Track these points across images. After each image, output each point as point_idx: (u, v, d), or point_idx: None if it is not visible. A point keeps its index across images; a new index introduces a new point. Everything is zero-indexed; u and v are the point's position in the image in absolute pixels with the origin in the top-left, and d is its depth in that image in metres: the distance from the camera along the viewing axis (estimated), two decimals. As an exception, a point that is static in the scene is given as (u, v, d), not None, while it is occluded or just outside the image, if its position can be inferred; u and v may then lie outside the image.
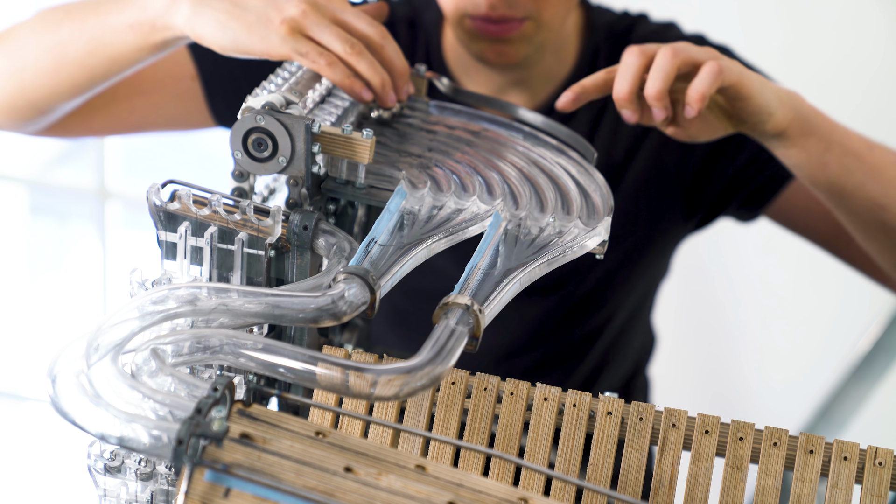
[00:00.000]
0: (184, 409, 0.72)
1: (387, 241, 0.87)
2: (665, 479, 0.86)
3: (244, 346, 0.77)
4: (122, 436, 0.71)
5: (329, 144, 0.92)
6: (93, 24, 1.09)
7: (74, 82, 1.13)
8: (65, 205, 2.85)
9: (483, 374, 0.89)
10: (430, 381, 0.76)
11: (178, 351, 0.78)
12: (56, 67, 1.12)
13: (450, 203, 0.93)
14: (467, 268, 0.86)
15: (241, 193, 0.97)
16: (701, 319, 2.38)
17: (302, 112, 0.93)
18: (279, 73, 0.99)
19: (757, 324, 2.36)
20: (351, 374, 0.75)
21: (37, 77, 1.14)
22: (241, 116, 0.91)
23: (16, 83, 1.15)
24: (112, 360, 0.75)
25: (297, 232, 0.90)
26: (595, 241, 0.93)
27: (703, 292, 2.03)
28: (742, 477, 0.85)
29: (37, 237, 2.88)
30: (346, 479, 0.70)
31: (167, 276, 0.89)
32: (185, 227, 0.88)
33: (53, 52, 1.12)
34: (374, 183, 0.96)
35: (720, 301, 2.34)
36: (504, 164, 1.01)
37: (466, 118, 1.09)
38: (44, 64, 1.13)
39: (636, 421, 0.87)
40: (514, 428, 0.88)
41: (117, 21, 1.07)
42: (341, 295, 0.80)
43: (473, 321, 0.81)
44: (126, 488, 0.85)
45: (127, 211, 2.64)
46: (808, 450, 0.85)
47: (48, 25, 1.13)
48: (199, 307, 0.79)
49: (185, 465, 0.69)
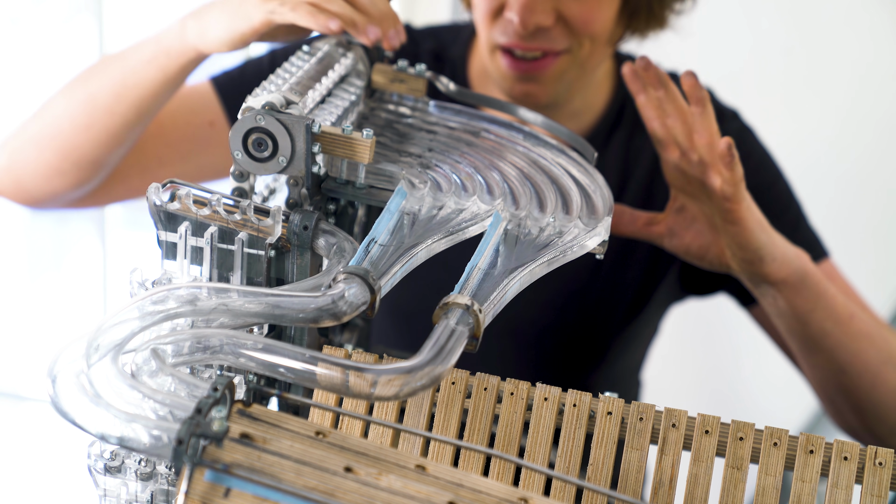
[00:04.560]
0: (184, 409, 0.72)
1: (387, 241, 0.87)
2: (665, 479, 0.86)
3: (244, 346, 0.77)
4: (122, 436, 0.71)
5: (329, 144, 0.92)
6: (115, 69, 1.14)
7: (109, 132, 1.16)
8: (65, 205, 2.85)
9: (483, 374, 0.89)
10: (431, 381, 0.76)
11: (178, 351, 0.78)
12: (90, 121, 1.15)
13: (450, 203, 0.93)
14: (467, 268, 0.86)
15: (241, 193, 0.97)
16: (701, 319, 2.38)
17: (302, 112, 0.93)
18: (279, 73, 0.99)
19: (757, 324, 2.36)
20: (351, 374, 0.75)
21: (74, 135, 1.17)
22: (241, 116, 0.91)
23: (58, 147, 1.18)
24: (112, 360, 0.75)
25: (297, 232, 0.90)
26: (595, 241, 0.92)
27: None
28: (742, 477, 0.85)
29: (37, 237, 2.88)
30: (346, 479, 0.70)
31: (167, 276, 0.89)
32: (185, 227, 0.88)
33: (85, 106, 1.15)
34: (374, 183, 0.96)
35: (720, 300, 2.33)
36: (504, 164, 1.01)
37: (466, 118, 1.09)
38: (78, 120, 1.16)
39: (636, 421, 0.87)
40: (514, 428, 0.88)
41: (136, 61, 1.12)
42: (341, 295, 0.80)
43: (473, 321, 0.81)
44: (126, 488, 0.84)
45: (127, 211, 2.64)
46: (808, 450, 0.85)
47: (77, 83, 1.17)
48: (199, 307, 0.79)
49: (185, 465, 0.69)
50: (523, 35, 1.17)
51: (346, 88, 1.05)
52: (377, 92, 1.12)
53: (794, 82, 2.26)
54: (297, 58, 1.04)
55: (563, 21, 1.18)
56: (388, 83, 1.11)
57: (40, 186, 1.22)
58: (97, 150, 1.17)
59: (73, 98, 1.17)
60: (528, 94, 1.22)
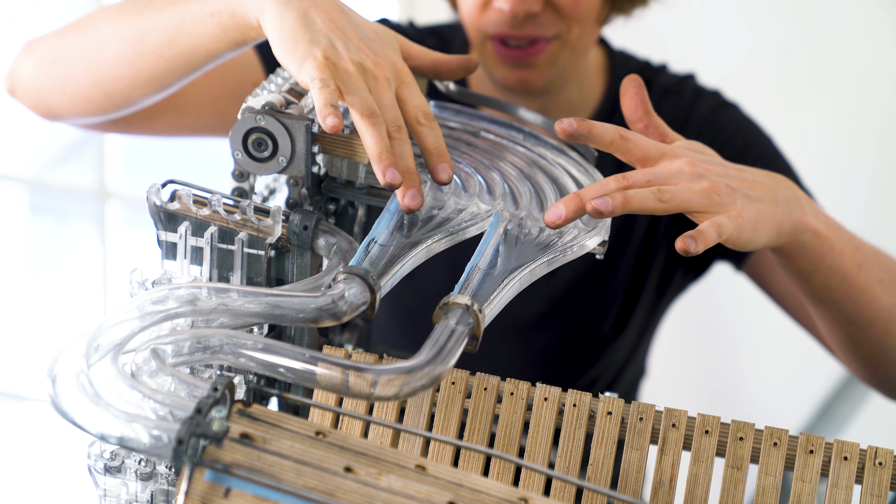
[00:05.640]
0: (184, 409, 0.72)
1: (387, 241, 0.87)
2: (665, 479, 0.86)
3: (244, 346, 0.77)
4: (122, 436, 0.71)
5: (329, 144, 0.92)
6: (174, 12, 1.06)
7: (152, 74, 1.09)
8: (65, 205, 2.85)
9: (483, 374, 0.89)
10: (430, 381, 0.76)
11: (178, 351, 0.78)
12: (135, 57, 1.08)
13: (450, 203, 0.93)
14: (467, 268, 0.86)
15: (241, 193, 0.97)
16: (701, 318, 2.38)
17: (302, 112, 0.93)
18: (279, 72, 0.99)
19: (757, 323, 2.36)
20: (351, 374, 0.75)
21: (115, 67, 1.10)
22: (240, 116, 0.91)
23: (94, 73, 1.11)
24: (112, 360, 0.75)
25: (297, 232, 0.90)
26: (595, 241, 0.92)
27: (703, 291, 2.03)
28: (742, 477, 0.85)
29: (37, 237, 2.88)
30: (346, 479, 0.70)
31: (167, 276, 0.89)
32: (185, 227, 0.88)
33: (133, 41, 1.08)
34: (374, 183, 0.96)
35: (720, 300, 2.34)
36: (504, 163, 1.01)
37: (466, 118, 1.09)
38: (122, 53, 1.09)
39: (636, 421, 0.87)
40: (514, 428, 0.88)
41: (199, 9, 1.03)
42: (341, 295, 0.80)
43: (473, 321, 0.81)
44: (126, 488, 0.84)
45: (127, 211, 2.64)
46: (808, 450, 0.85)
47: (128, 13, 1.09)
48: (199, 307, 0.79)
49: (185, 465, 0.69)
50: (513, 23, 1.18)
51: (346, 88, 1.05)
52: (377, 92, 1.12)
53: (795, 82, 2.26)
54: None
55: (551, 6, 1.18)
56: (388, 83, 1.11)
57: (64, 106, 1.15)
58: (134, 90, 1.11)
59: (120, 28, 1.09)
60: (522, 81, 1.22)
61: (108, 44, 1.10)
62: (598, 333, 1.40)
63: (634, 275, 1.37)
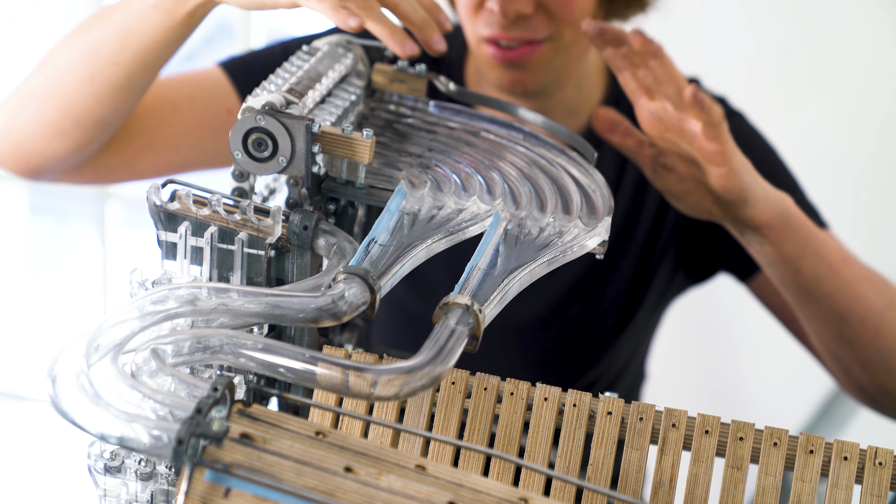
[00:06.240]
0: (184, 409, 0.72)
1: (387, 241, 0.87)
2: (665, 479, 0.86)
3: (244, 346, 0.77)
4: (122, 436, 0.71)
5: (329, 144, 0.92)
6: (119, 16, 1.09)
7: (113, 85, 1.11)
8: (65, 205, 2.85)
9: (483, 374, 0.89)
10: (430, 381, 0.76)
11: (178, 351, 0.78)
12: (93, 72, 1.11)
13: (450, 203, 0.93)
14: (467, 268, 0.86)
15: (241, 193, 0.97)
16: (701, 319, 2.38)
17: (302, 112, 0.93)
18: (279, 72, 0.99)
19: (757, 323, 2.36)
20: (351, 374, 0.75)
21: (77, 89, 1.12)
22: (240, 116, 0.91)
23: (59, 102, 1.14)
24: (112, 360, 0.75)
25: (297, 232, 0.90)
26: (595, 241, 0.93)
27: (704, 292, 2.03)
28: (742, 477, 0.85)
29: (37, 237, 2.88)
30: (346, 479, 0.70)
31: (167, 276, 0.89)
32: (185, 227, 0.88)
33: (88, 57, 1.11)
34: (374, 183, 0.96)
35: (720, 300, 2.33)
36: (504, 164, 1.01)
37: (466, 118, 1.09)
38: (80, 71, 1.12)
39: (636, 421, 0.87)
40: (514, 428, 0.88)
41: (141, 6, 1.06)
42: (341, 295, 0.80)
43: (473, 321, 0.81)
44: (126, 488, 0.85)
45: (127, 211, 2.64)
46: (808, 450, 0.85)
47: (80, 32, 1.13)
48: (199, 307, 0.79)
49: (185, 465, 0.69)
50: (505, 24, 1.18)
51: (346, 88, 1.05)
52: (377, 92, 1.12)
53: (796, 83, 2.26)
54: (297, 57, 1.04)
55: (543, 9, 1.18)
56: (388, 83, 1.11)
57: (40, 149, 1.17)
58: (99, 107, 1.13)
59: (74, 48, 1.12)
60: (515, 82, 1.22)
61: (67, 67, 1.13)
62: (598, 335, 1.40)
63: (636, 277, 1.37)
